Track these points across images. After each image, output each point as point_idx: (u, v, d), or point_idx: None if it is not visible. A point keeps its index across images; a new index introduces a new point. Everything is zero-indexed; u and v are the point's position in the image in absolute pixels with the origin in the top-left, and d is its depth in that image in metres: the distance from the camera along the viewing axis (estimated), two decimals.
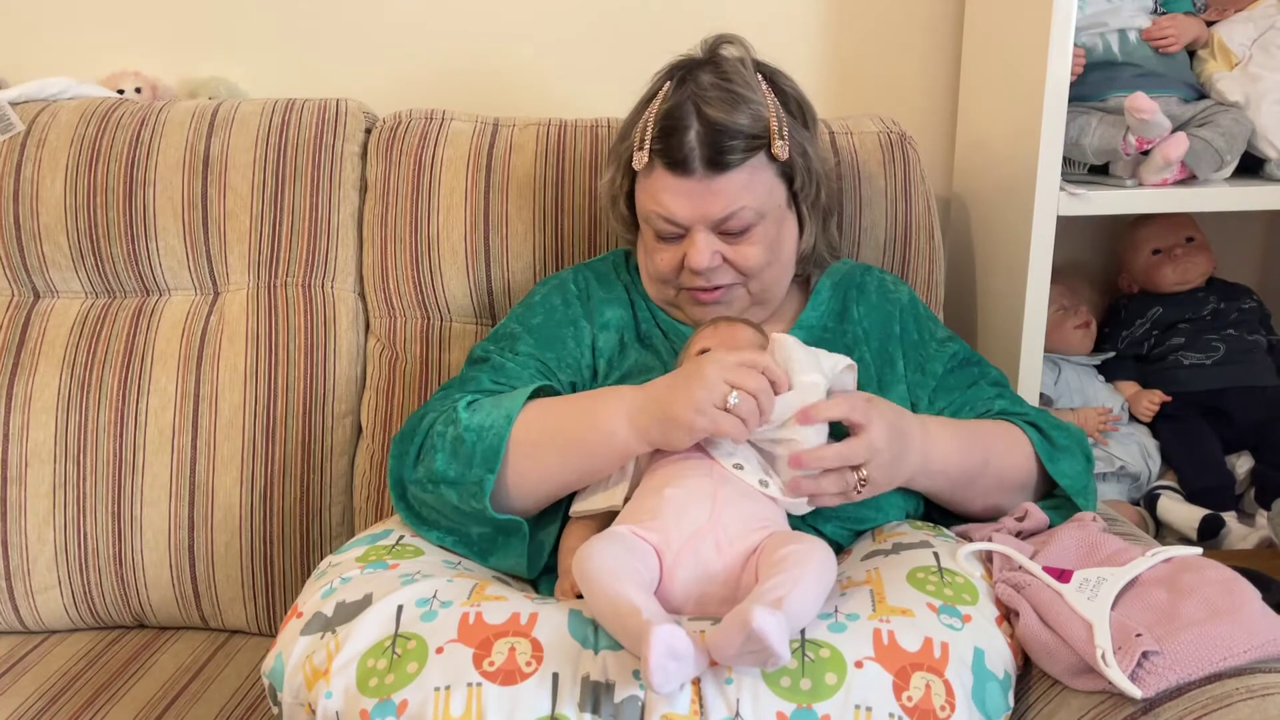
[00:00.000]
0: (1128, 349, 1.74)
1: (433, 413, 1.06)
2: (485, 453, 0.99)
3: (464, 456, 1.00)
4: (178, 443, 1.33)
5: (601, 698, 0.79)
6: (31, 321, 1.39)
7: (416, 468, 1.04)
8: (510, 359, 1.14)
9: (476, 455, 1.00)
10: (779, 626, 0.74)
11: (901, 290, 1.25)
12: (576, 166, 1.40)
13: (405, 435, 1.07)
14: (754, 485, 0.96)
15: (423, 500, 1.04)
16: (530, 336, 1.17)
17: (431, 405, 1.09)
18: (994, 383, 1.19)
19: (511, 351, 1.15)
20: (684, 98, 1.09)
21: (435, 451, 1.02)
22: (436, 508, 1.03)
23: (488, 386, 1.10)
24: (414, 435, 1.05)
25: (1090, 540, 0.99)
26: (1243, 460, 1.67)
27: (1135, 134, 1.42)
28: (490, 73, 1.69)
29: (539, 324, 1.18)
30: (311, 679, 0.84)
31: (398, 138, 1.43)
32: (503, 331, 1.20)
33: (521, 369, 1.12)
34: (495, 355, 1.15)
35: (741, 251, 1.11)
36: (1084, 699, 0.85)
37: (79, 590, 1.33)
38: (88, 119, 1.42)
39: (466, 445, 1.00)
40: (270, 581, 1.33)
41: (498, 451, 0.99)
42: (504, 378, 1.11)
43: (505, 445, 1.00)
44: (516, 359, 1.14)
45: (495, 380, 1.11)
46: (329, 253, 1.40)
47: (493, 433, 1.00)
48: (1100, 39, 1.55)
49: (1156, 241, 1.72)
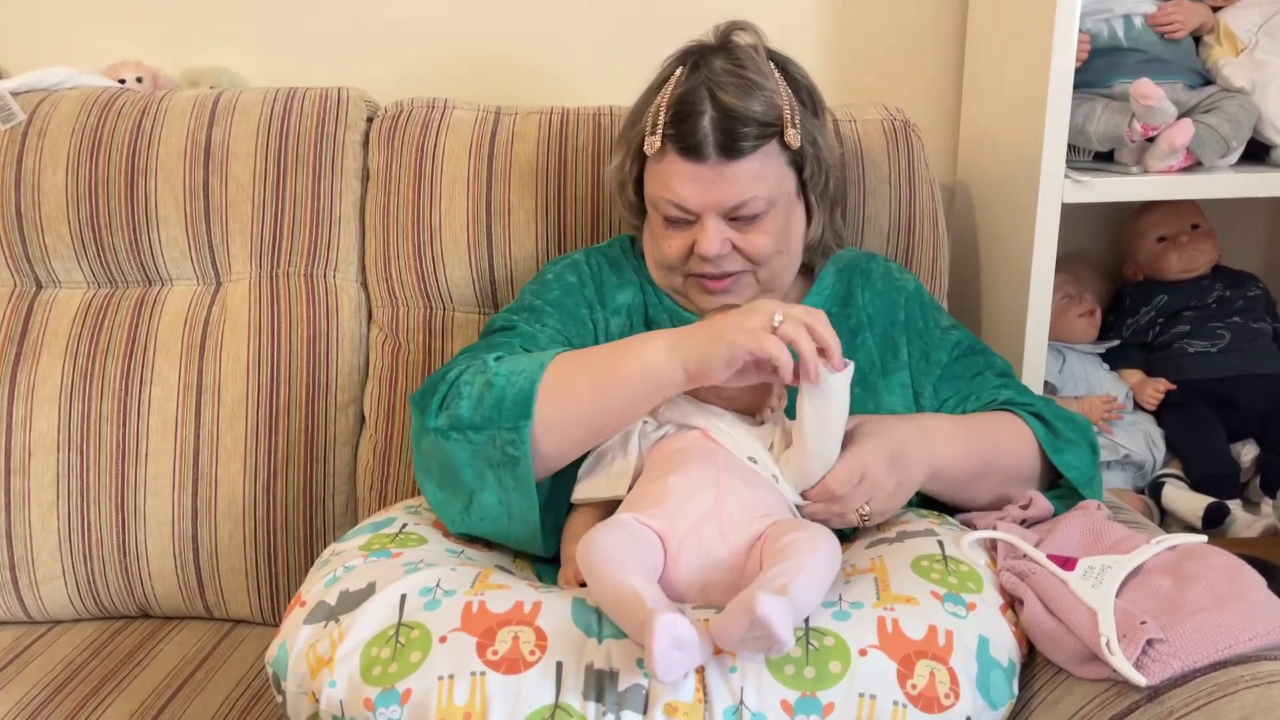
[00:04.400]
0: (1133, 337, 1.73)
1: (458, 367, 1.03)
2: (517, 397, 0.96)
3: (492, 401, 0.97)
4: (180, 433, 1.33)
5: (605, 686, 0.79)
6: (34, 312, 1.39)
7: (439, 416, 0.99)
8: (540, 330, 1.12)
9: (507, 399, 0.96)
10: (784, 613, 0.74)
11: (907, 278, 1.25)
12: (579, 155, 1.39)
13: (426, 389, 1.03)
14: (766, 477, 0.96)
15: (433, 453, 1.00)
16: (554, 310, 1.16)
17: (455, 362, 1.05)
18: (999, 372, 1.19)
19: (539, 324, 1.14)
20: (698, 83, 1.09)
21: (460, 399, 0.98)
22: (447, 461, 0.99)
23: (519, 352, 1.07)
24: (437, 387, 1.02)
25: (1095, 528, 0.98)
26: (1248, 448, 1.67)
27: (1140, 120, 1.41)
28: (492, 61, 1.69)
29: (557, 298, 1.17)
30: (315, 668, 0.84)
31: (399, 126, 1.42)
32: (522, 304, 1.18)
33: (551, 341, 1.12)
34: (522, 325, 1.14)
35: (751, 240, 1.11)
36: (1088, 687, 0.85)
37: (83, 580, 1.33)
38: (89, 109, 1.41)
39: (496, 389, 0.97)
40: (274, 571, 1.34)
41: (530, 396, 0.96)
42: (534, 347, 1.10)
43: (537, 390, 0.96)
44: (545, 330, 1.13)
45: (525, 347, 1.09)
46: (331, 242, 1.40)
47: (524, 376, 0.97)
48: (1105, 25, 1.54)
49: (1162, 229, 1.71)
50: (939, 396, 1.17)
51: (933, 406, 1.16)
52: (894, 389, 1.16)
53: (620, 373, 0.97)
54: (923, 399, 1.17)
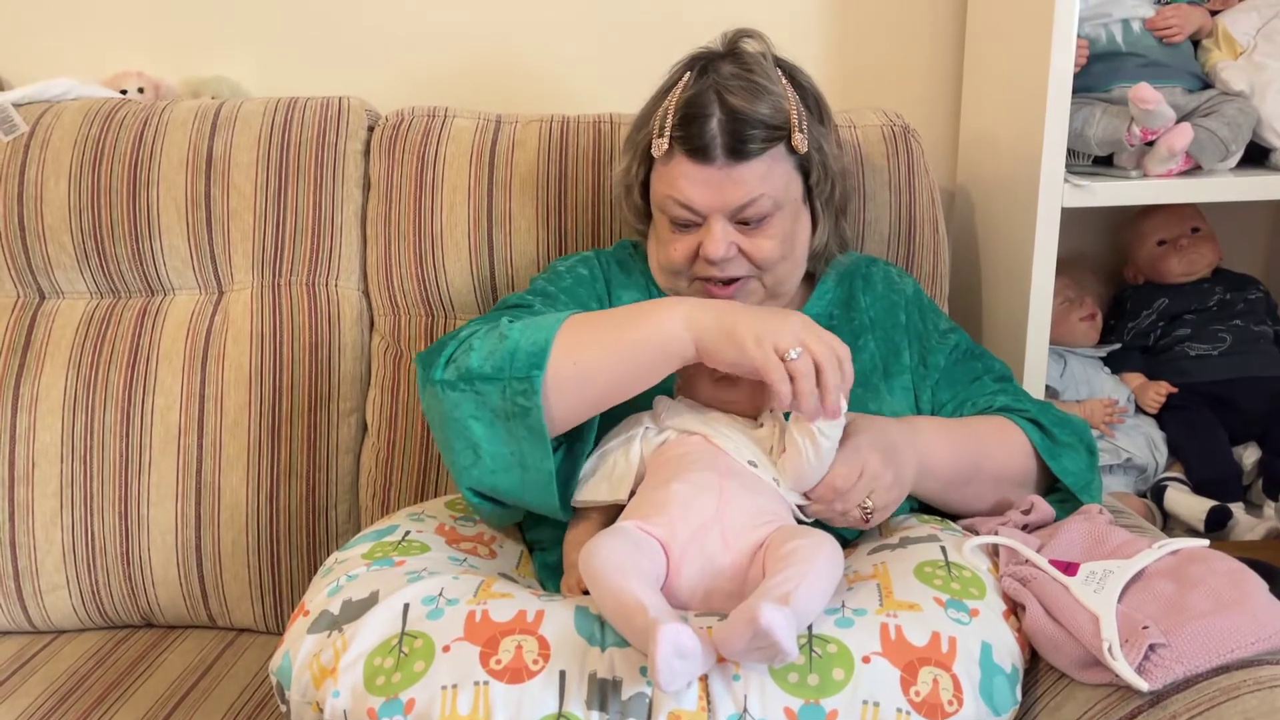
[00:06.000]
0: (1134, 340, 1.73)
1: (469, 329, 1.02)
2: (531, 348, 0.95)
3: (505, 353, 0.95)
4: (183, 442, 1.33)
5: (609, 695, 0.79)
6: (37, 322, 1.39)
7: (446, 369, 0.98)
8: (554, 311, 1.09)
9: (521, 351, 0.95)
10: (786, 623, 0.74)
11: (907, 282, 1.25)
12: (579, 162, 1.40)
13: (434, 348, 1.02)
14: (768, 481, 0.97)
15: (435, 406, 0.99)
16: (567, 298, 1.16)
17: (466, 326, 1.04)
18: (997, 377, 1.19)
19: (553, 307, 1.13)
20: (706, 86, 1.09)
21: (471, 352, 0.97)
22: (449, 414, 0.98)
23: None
24: (446, 344, 1.01)
25: (1096, 533, 0.98)
26: (1250, 451, 1.67)
27: (1140, 125, 1.42)
28: (492, 69, 1.69)
29: (570, 286, 1.18)
30: (319, 677, 0.84)
31: (400, 135, 1.43)
32: (535, 290, 1.18)
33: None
34: (539, 305, 1.13)
35: (757, 243, 1.11)
36: (1091, 692, 0.85)
37: (87, 590, 1.33)
38: (91, 119, 1.42)
39: (510, 341, 0.96)
40: (277, 579, 1.34)
41: (544, 348, 0.95)
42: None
43: (553, 341, 0.95)
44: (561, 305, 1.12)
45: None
46: (333, 251, 1.40)
47: (540, 330, 0.96)
48: (1104, 29, 1.54)
49: (1162, 232, 1.71)
50: (936, 400, 1.17)
51: (930, 410, 1.17)
52: (895, 392, 1.16)
53: (637, 334, 0.96)
54: (921, 402, 1.17)
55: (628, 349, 0.96)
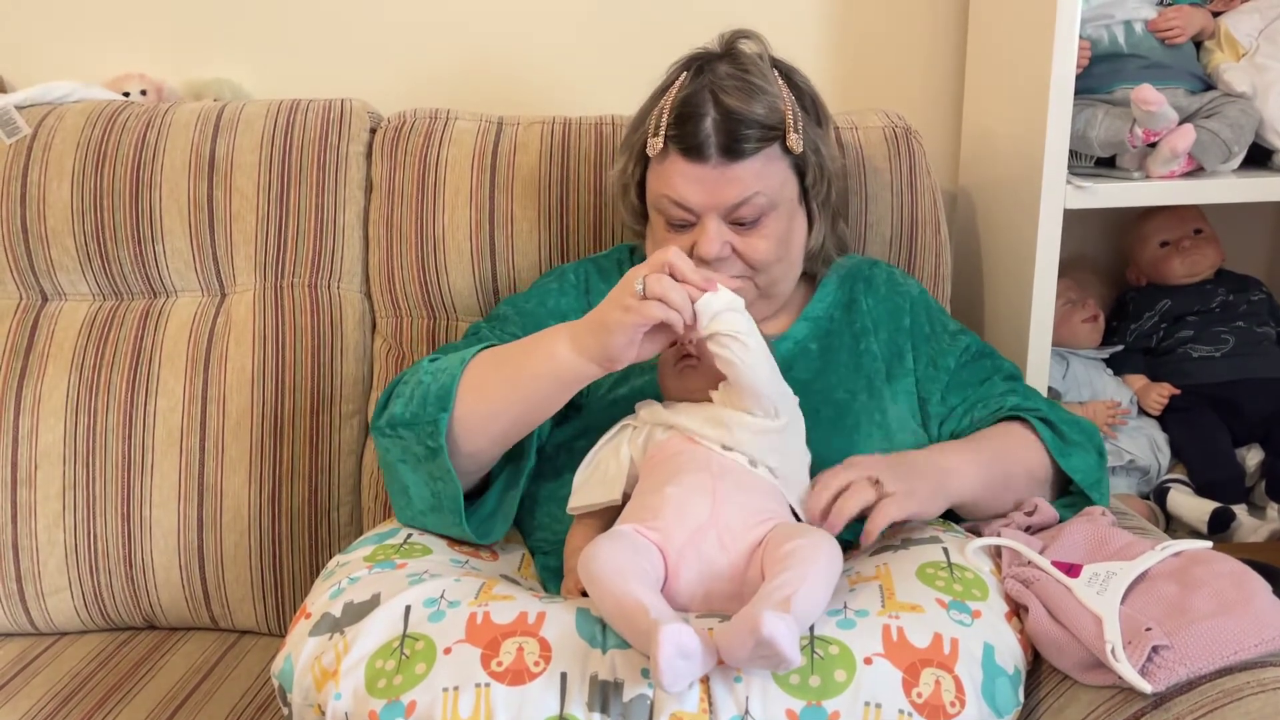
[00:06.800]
0: (1136, 342, 1.73)
1: (411, 369, 1.09)
2: (439, 391, 1.01)
3: (419, 398, 1.02)
4: (186, 444, 1.34)
5: (610, 697, 0.79)
6: (40, 325, 1.39)
7: (381, 415, 1.05)
8: (500, 338, 1.15)
9: (431, 395, 1.01)
10: (789, 631, 0.74)
11: (910, 284, 1.25)
12: (581, 164, 1.40)
13: (385, 390, 1.09)
14: (747, 467, 0.96)
15: (379, 450, 1.06)
16: (520, 319, 1.19)
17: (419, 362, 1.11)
18: (1007, 377, 1.19)
19: (502, 331, 1.17)
20: (701, 86, 1.10)
21: (398, 398, 1.04)
22: (385, 457, 1.05)
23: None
24: (391, 387, 1.08)
25: (1099, 534, 0.98)
26: (1253, 453, 1.66)
27: (1142, 126, 1.41)
28: (494, 72, 1.69)
29: (530, 308, 1.21)
30: (320, 680, 0.84)
31: (402, 137, 1.43)
32: (496, 314, 1.23)
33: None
34: (485, 330, 1.19)
35: (751, 243, 1.11)
36: (1094, 694, 0.85)
37: (89, 592, 1.33)
38: (93, 122, 1.42)
39: (423, 386, 1.02)
40: (279, 581, 1.34)
41: (449, 391, 1.00)
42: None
43: (457, 384, 1.00)
44: (505, 338, 1.14)
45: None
46: (335, 253, 1.40)
47: (446, 373, 1.02)
48: (1106, 31, 1.54)
49: (1164, 234, 1.71)
50: (947, 404, 1.17)
51: (940, 413, 1.17)
52: (899, 395, 1.16)
53: (532, 371, 1.00)
54: (930, 405, 1.17)
55: (528, 384, 1.00)
